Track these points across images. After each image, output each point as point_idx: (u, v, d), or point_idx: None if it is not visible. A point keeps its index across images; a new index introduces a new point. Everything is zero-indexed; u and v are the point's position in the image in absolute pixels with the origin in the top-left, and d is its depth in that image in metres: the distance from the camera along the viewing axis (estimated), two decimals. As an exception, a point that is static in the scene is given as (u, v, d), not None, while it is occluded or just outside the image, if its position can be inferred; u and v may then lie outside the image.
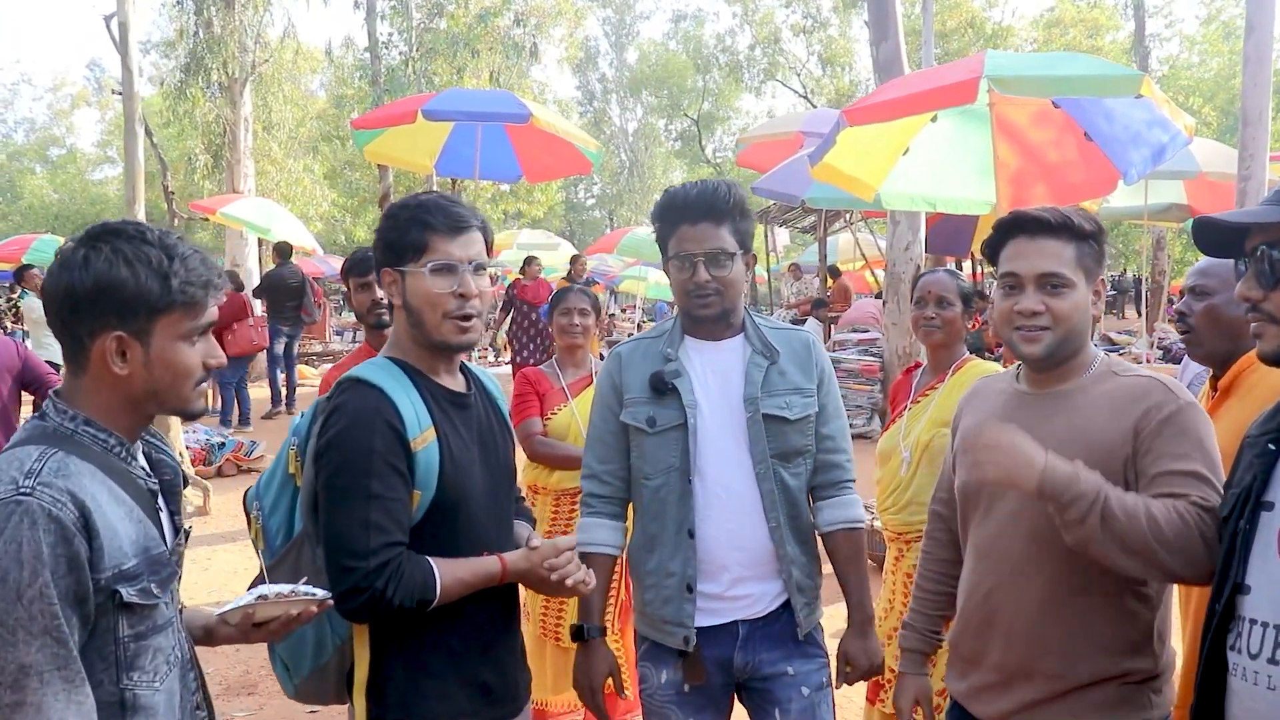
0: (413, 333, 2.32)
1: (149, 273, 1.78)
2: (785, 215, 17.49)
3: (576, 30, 33.91)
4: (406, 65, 21.61)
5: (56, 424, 1.80)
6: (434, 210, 2.28)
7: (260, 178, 21.55)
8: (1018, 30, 33.23)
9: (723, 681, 2.75)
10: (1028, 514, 2.23)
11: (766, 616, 2.72)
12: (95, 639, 1.71)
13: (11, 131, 62.58)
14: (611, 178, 55.55)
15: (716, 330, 2.76)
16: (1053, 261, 2.24)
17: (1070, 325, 2.25)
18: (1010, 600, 2.28)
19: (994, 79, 5.49)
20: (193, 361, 1.85)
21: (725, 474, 2.69)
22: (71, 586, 1.64)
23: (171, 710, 1.84)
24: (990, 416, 2.38)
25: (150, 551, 1.79)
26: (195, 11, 19.42)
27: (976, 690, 2.37)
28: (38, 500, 1.63)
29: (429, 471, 2.24)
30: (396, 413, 2.20)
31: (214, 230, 29.59)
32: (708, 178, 19.01)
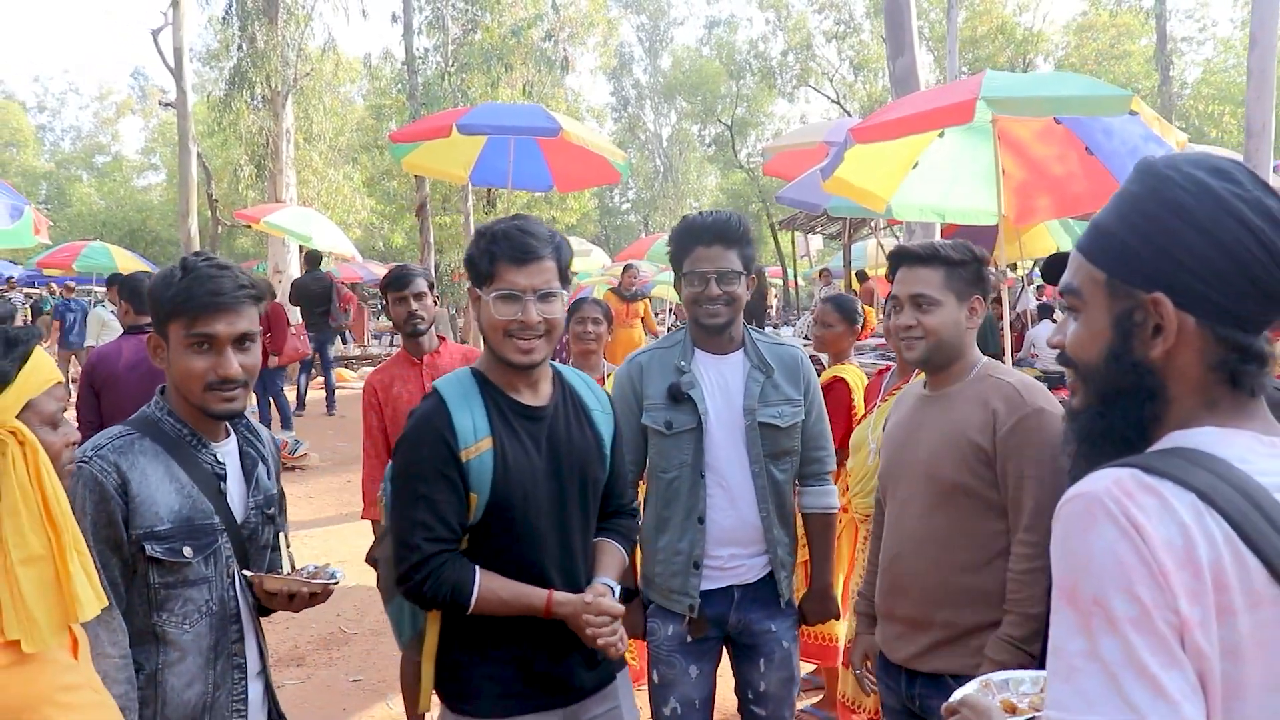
0: (488, 350, 2.60)
1: (163, 285, 2.30)
2: (812, 222, 17.76)
3: (610, 38, 34.23)
4: (442, 79, 22.01)
5: (149, 412, 2.37)
6: (503, 240, 2.48)
7: (302, 186, 22.09)
8: (1048, 36, 33.23)
9: (717, 635, 3.29)
10: (921, 495, 2.77)
11: (755, 584, 3.26)
12: (136, 580, 2.24)
13: (59, 140, 63.84)
14: (646, 183, 55.75)
15: (722, 344, 3.26)
16: (921, 285, 2.79)
17: (939, 337, 2.78)
18: (910, 566, 2.79)
19: (989, 100, 5.80)
20: (194, 367, 2.28)
21: (728, 470, 3.22)
22: (110, 536, 2.19)
23: (199, 651, 2.31)
24: (905, 415, 2.97)
25: (192, 521, 2.29)
26: (240, 26, 19.95)
27: (889, 639, 2.88)
28: (90, 469, 2.18)
29: (482, 477, 2.46)
30: (450, 424, 2.46)
31: (257, 238, 30.20)
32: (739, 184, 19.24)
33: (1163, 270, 1.28)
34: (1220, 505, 1.17)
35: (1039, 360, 12.67)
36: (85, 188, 54.09)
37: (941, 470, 2.72)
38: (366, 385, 4.64)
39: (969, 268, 2.81)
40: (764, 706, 3.30)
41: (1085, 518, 1.20)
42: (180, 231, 9.61)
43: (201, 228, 27.70)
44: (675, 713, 3.23)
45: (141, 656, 2.24)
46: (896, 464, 2.91)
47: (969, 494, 2.68)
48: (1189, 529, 1.15)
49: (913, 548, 2.78)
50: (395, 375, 4.61)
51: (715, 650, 3.34)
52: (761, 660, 3.28)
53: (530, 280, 2.47)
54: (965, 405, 2.75)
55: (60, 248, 25.11)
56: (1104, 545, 1.17)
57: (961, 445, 2.69)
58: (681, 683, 3.24)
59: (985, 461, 2.67)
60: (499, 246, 2.48)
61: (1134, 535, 1.16)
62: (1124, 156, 6.78)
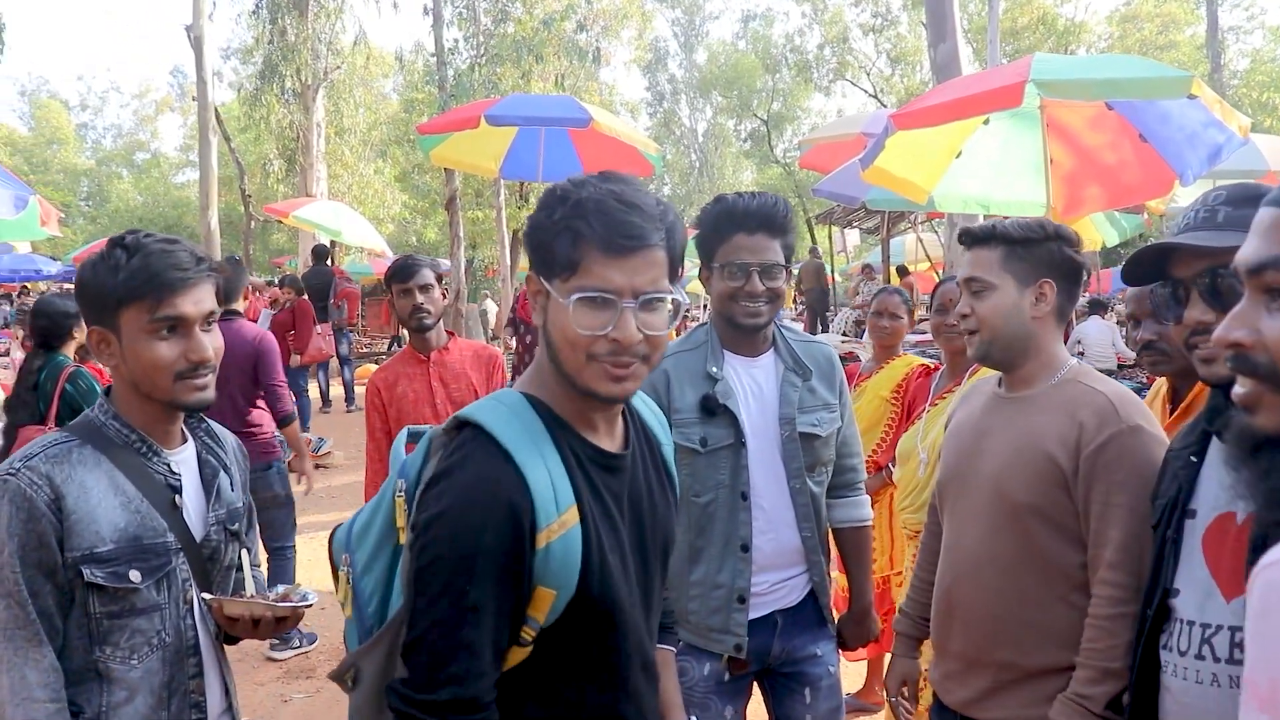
0: (554, 370, 1.76)
1: (106, 269, 1.97)
2: (850, 216, 17.44)
3: (645, 32, 33.99)
4: (473, 71, 21.84)
5: (93, 416, 2.06)
6: (595, 215, 1.65)
7: (332, 181, 22.04)
8: (1091, 26, 32.69)
9: (755, 669, 2.89)
10: (985, 514, 2.37)
11: (797, 606, 2.86)
12: (74, 610, 1.94)
13: (101, 137, 64.53)
14: (681, 178, 55.60)
15: (754, 345, 2.85)
16: (975, 268, 2.43)
17: (993, 326, 2.39)
18: (967, 594, 2.41)
19: (1040, 83, 5.49)
20: (160, 355, 1.98)
21: (765, 488, 2.79)
22: (42, 559, 1.89)
23: (149, 690, 2.01)
24: (973, 415, 2.55)
25: (141, 540, 1.98)
26: (270, 20, 19.88)
27: (943, 679, 2.51)
28: (18, 481, 1.89)
29: (566, 566, 1.67)
30: (526, 492, 1.64)
31: (288, 233, 30.24)
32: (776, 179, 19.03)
33: None
34: None
35: (1086, 357, 12.33)
36: (124, 184, 54.64)
37: (1010, 487, 2.33)
38: (370, 384, 4.40)
39: (1036, 247, 2.39)
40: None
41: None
42: (201, 225, 9.45)
43: (235, 222, 27.81)
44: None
45: (82, 699, 1.95)
46: (958, 473, 2.52)
47: (1041, 517, 2.30)
48: None
49: (971, 573, 2.41)
50: (400, 373, 4.34)
51: (749, 686, 2.95)
52: (807, 690, 2.88)
53: (631, 279, 1.67)
54: (1045, 414, 2.35)
55: (98, 243, 25.22)
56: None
57: (1036, 460, 2.30)
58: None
59: (1061, 483, 2.27)
60: (589, 224, 1.65)
61: None
62: (1181, 144, 6.44)
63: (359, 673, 1.76)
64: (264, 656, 5.75)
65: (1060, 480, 2.27)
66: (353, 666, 1.76)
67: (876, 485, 4.52)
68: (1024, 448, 2.32)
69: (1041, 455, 2.29)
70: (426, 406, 4.22)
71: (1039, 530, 2.30)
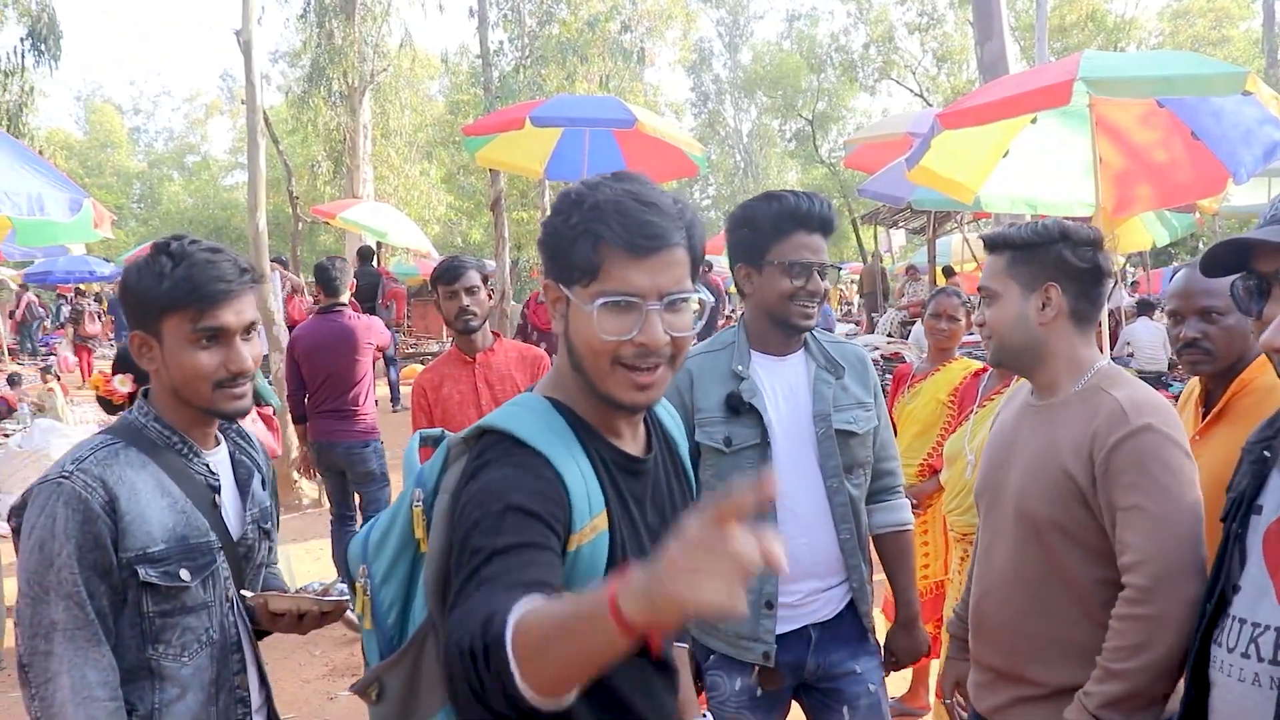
0: (576, 377, 1.73)
1: (151, 276, 2.00)
2: (895, 216, 17.33)
3: (690, 32, 33.99)
4: (518, 72, 21.94)
5: (133, 418, 2.10)
6: (615, 217, 1.61)
7: (379, 182, 22.22)
8: (1142, 23, 32.25)
9: (791, 685, 2.82)
10: (1011, 529, 2.32)
11: (834, 619, 2.79)
12: (127, 609, 1.98)
13: (152, 141, 65.59)
14: (726, 179, 55.52)
15: (786, 345, 2.81)
16: (985, 275, 2.42)
17: (999, 333, 2.37)
18: (996, 610, 2.37)
19: (1088, 81, 5.40)
20: (200, 363, 2.01)
21: (798, 490, 2.73)
22: (99, 559, 1.92)
23: (200, 686, 2.05)
24: (1005, 423, 2.53)
25: (188, 540, 2.03)
26: (318, 24, 20.08)
27: (975, 685, 2.49)
28: (73, 484, 1.92)
29: (593, 570, 1.62)
30: (565, 494, 1.60)
31: (335, 234, 30.46)
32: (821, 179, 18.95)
33: None
34: None
35: (1135, 360, 12.16)
36: (175, 187, 55.44)
37: (1030, 502, 2.28)
38: (415, 386, 4.41)
39: (1039, 250, 2.32)
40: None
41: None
42: (249, 226, 9.56)
43: (282, 224, 28.05)
44: None
45: (134, 696, 1.99)
46: (989, 484, 2.48)
47: (1062, 532, 2.24)
48: None
49: (1001, 588, 2.37)
50: (445, 375, 4.35)
51: (786, 701, 2.88)
52: (845, 709, 2.79)
53: (655, 279, 1.63)
54: (1064, 424, 2.29)
55: (149, 244, 25.56)
56: None
57: (1054, 475, 2.24)
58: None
59: (1079, 497, 2.21)
60: (609, 226, 1.61)
61: None
62: (1235, 142, 6.33)
63: (383, 687, 1.73)
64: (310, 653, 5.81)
65: (1078, 495, 2.21)
66: (376, 681, 1.72)
67: (931, 489, 4.46)
68: (1043, 461, 2.28)
69: (1058, 470, 2.24)
70: (472, 408, 4.19)
71: (1060, 546, 2.25)
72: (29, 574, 1.90)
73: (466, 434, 1.70)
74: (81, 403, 15.40)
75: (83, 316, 20.70)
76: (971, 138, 6.57)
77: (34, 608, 1.89)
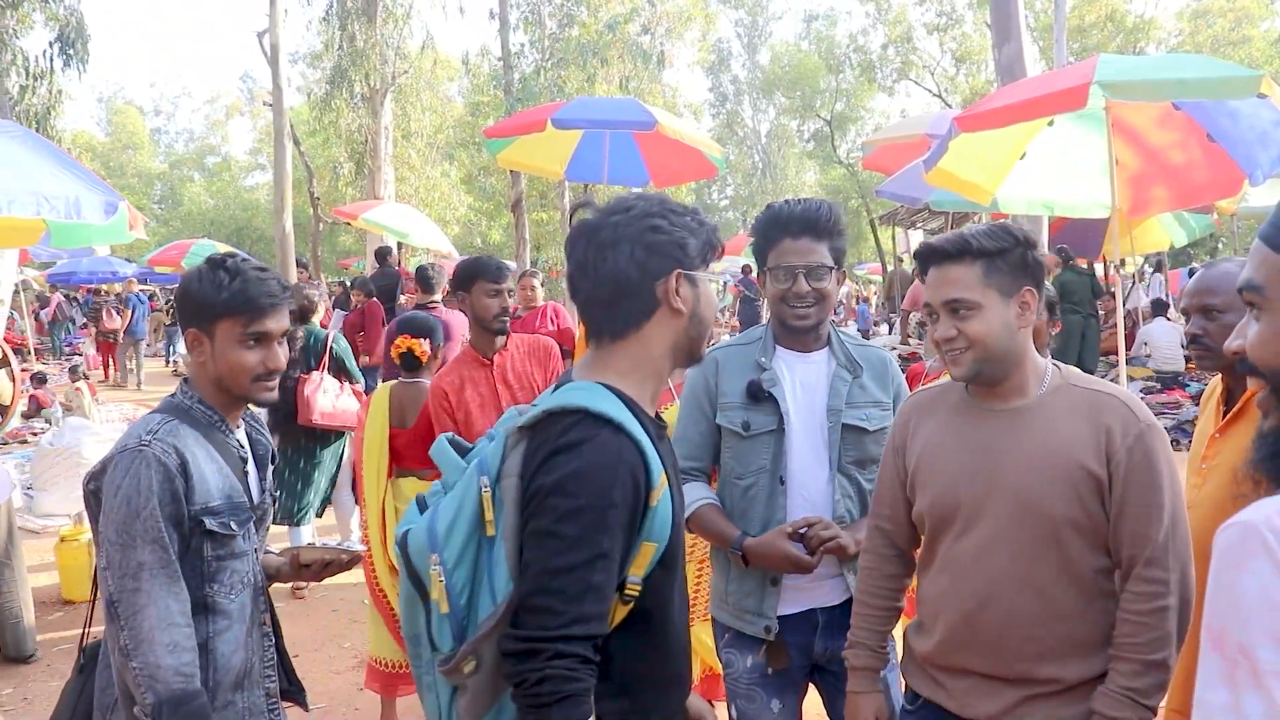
0: (661, 354, 2.03)
1: (210, 286, 2.42)
2: (913, 218, 17.39)
3: (708, 33, 34.03)
4: (539, 74, 22.06)
5: (179, 400, 2.50)
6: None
7: (400, 184, 22.35)
8: (1161, 22, 32.15)
9: (802, 665, 2.94)
10: (1011, 534, 2.30)
11: (841, 605, 2.90)
12: (189, 555, 2.35)
13: (173, 142, 66.10)
14: (744, 179, 55.58)
15: (807, 342, 2.96)
16: (954, 288, 2.31)
17: (986, 345, 2.29)
18: (999, 615, 2.32)
19: (1104, 84, 5.49)
20: (246, 361, 2.43)
21: (807, 476, 2.89)
22: (173, 512, 2.30)
23: (243, 619, 2.48)
24: (946, 433, 2.46)
25: (233, 499, 2.44)
26: (340, 26, 20.24)
27: (959, 694, 2.41)
28: (153, 450, 2.31)
29: (664, 524, 1.91)
30: (643, 457, 1.87)
31: (355, 235, 30.65)
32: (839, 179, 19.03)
33: None
34: None
35: (1152, 360, 12.19)
36: (196, 187, 55.83)
37: (1046, 503, 2.26)
38: (435, 389, 4.31)
39: (1011, 255, 2.30)
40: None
41: (1239, 551, 1.04)
42: (275, 228, 9.75)
43: (303, 225, 28.28)
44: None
45: (194, 627, 2.35)
46: (961, 493, 2.38)
47: (1078, 530, 2.25)
48: None
49: (1009, 594, 2.31)
50: (465, 377, 4.29)
51: (800, 682, 2.99)
52: None
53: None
54: (1062, 424, 2.30)
55: (170, 245, 25.80)
56: (1256, 584, 1.01)
57: (1070, 472, 2.24)
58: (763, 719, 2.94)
59: (1097, 492, 2.23)
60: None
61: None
62: (1250, 144, 6.41)
63: (480, 659, 1.84)
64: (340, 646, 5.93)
65: (1096, 490, 2.23)
66: (474, 652, 1.83)
67: None
68: (1053, 460, 2.26)
69: (1075, 467, 2.24)
70: (493, 411, 4.15)
71: (1073, 542, 2.25)
72: (117, 525, 2.26)
73: (529, 421, 1.89)
74: (106, 402, 15.60)
75: (100, 312, 20.96)
76: (989, 140, 6.65)
77: (123, 553, 2.24)
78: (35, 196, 5.15)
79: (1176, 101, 6.27)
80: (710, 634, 4.39)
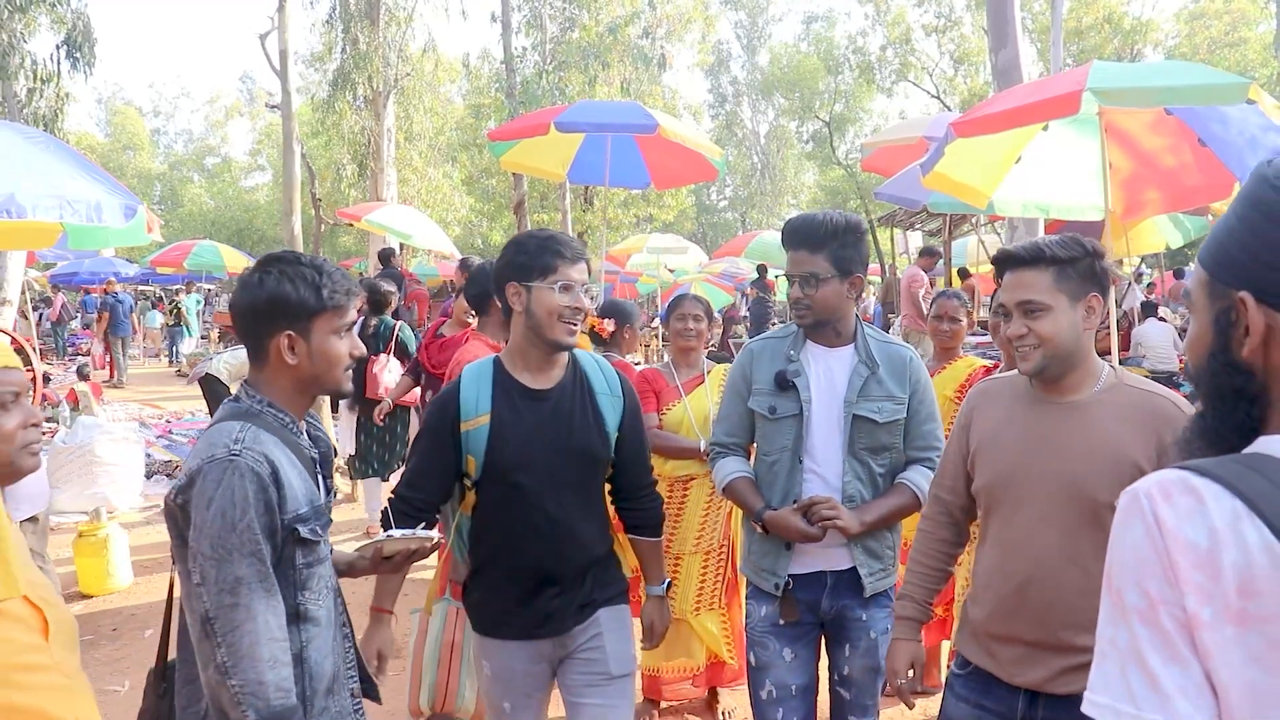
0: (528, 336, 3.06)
1: (306, 286, 2.40)
2: (912, 219, 17.51)
3: (708, 35, 34.15)
4: (540, 77, 22.17)
5: (248, 405, 2.43)
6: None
7: (402, 185, 22.47)
8: (1158, 25, 32.28)
9: (812, 621, 3.33)
10: (1057, 515, 2.56)
11: (848, 570, 3.27)
12: (281, 565, 2.30)
13: (172, 142, 66.07)
14: (743, 180, 55.67)
15: (830, 338, 3.30)
16: (1028, 290, 2.59)
17: (1056, 344, 2.57)
18: (1046, 589, 2.56)
19: (1096, 91, 5.61)
20: (342, 351, 2.46)
21: (825, 458, 3.26)
22: (267, 523, 2.24)
23: (329, 623, 2.45)
24: (1010, 420, 2.73)
25: (314, 502, 2.40)
26: (342, 29, 20.36)
27: (1006, 662, 2.66)
28: (245, 460, 2.23)
29: (478, 445, 2.98)
30: (457, 400, 3.03)
31: (358, 236, 30.74)
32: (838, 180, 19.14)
33: (1248, 267, 1.27)
34: (1265, 512, 1.16)
35: (1147, 360, 12.33)
36: (196, 188, 55.88)
37: (1094, 490, 2.49)
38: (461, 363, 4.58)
39: (1080, 264, 2.58)
40: (848, 690, 3.36)
41: (1125, 512, 1.26)
42: (283, 230, 9.89)
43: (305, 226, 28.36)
44: (771, 696, 3.31)
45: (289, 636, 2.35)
46: (1019, 475, 2.66)
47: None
48: (1218, 532, 1.17)
49: (1054, 570, 2.56)
50: None
51: (813, 636, 3.37)
52: (848, 646, 3.33)
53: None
54: (1116, 420, 2.55)
55: (172, 246, 25.99)
56: (1131, 540, 1.24)
57: (1121, 466, 2.46)
58: (775, 666, 3.31)
59: None
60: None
61: (1155, 533, 1.21)
62: (1240, 148, 6.54)
63: None
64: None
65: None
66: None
67: None
68: (1106, 453, 2.51)
69: (1126, 461, 2.46)
70: None
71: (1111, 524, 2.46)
72: (212, 539, 2.17)
73: None
74: (111, 402, 15.72)
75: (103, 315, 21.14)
76: (985, 144, 6.79)
77: (219, 568, 2.16)
78: (58, 200, 5.30)
79: (1168, 107, 6.41)
80: (716, 623, 4.63)
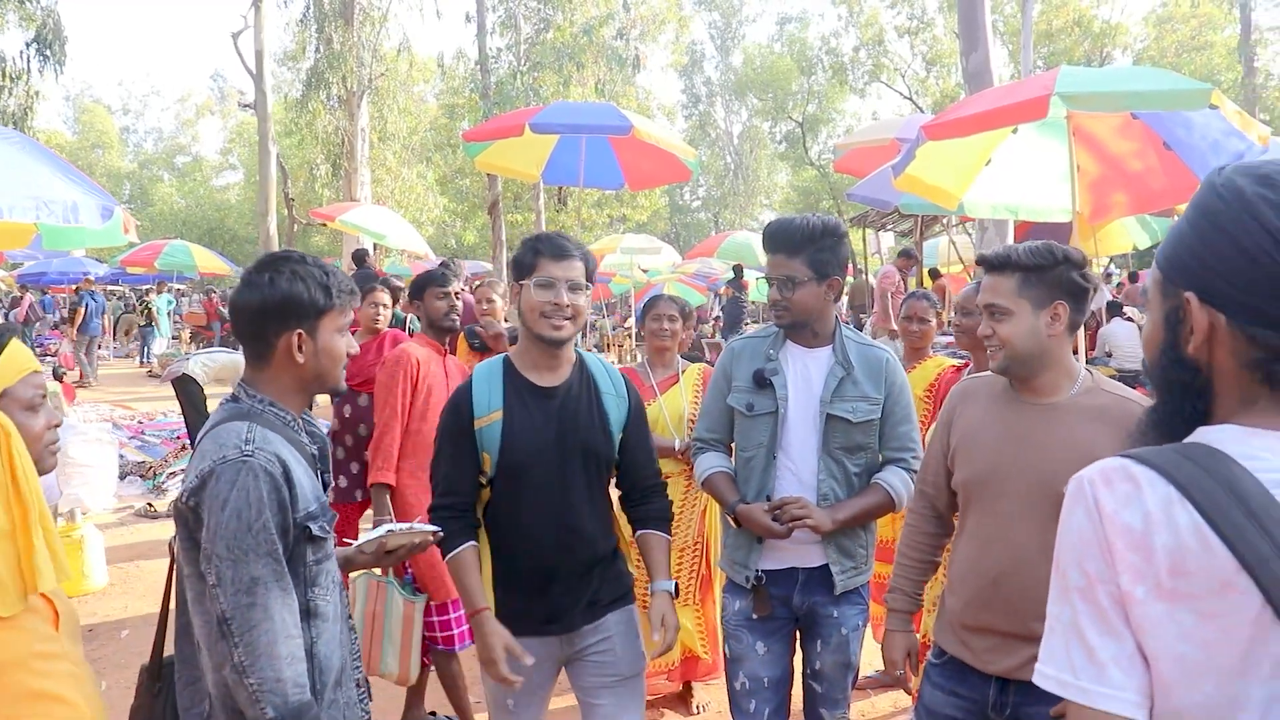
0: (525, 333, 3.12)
1: (316, 286, 2.43)
2: (884, 220, 17.64)
3: (682, 35, 34.25)
4: (515, 78, 22.18)
5: (249, 405, 2.42)
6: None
7: (376, 185, 22.41)
8: (1127, 28, 32.60)
9: (786, 615, 3.37)
10: (1031, 511, 2.65)
11: (820, 568, 3.31)
12: (292, 562, 2.31)
13: (142, 141, 65.51)
14: (716, 180, 55.81)
15: (808, 339, 3.35)
16: (993, 294, 2.73)
17: (1014, 346, 2.69)
18: (1020, 581, 2.66)
19: (1064, 96, 5.72)
20: (343, 349, 2.50)
21: (800, 456, 3.29)
22: (281, 522, 2.25)
23: (336, 618, 2.47)
24: (989, 419, 2.82)
25: (320, 499, 2.42)
26: (317, 28, 20.30)
27: (981, 651, 2.76)
28: (258, 460, 2.24)
29: (492, 442, 3.04)
30: (469, 399, 3.09)
31: (331, 236, 30.63)
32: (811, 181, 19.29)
33: (1194, 270, 1.35)
34: (1195, 497, 1.26)
35: (1113, 359, 12.48)
36: (166, 187, 55.47)
37: (1062, 485, 2.50)
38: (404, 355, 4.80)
39: (1048, 272, 2.67)
40: (820, 683, 3.40)
41: (1071, 497, 1.39)
42: (259, 230, 9.90)
43: (279, 226, 28.29)
44: (744, 688, 3.36)
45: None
46: (995, 472, 2.75)
47: None
48: (1152, 516, 1.27)
49: (1028, 564, 2.64)
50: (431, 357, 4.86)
51: (787, 631, 3.40)
52: (819, 641, 3.36)
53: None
54: (1090, 422, 2.65)
55: (143, 246, 25.71)
56: (1075, 523, 1.35)
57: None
58: (749, 659, 3.35)
59: None
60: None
61: (1095, 517, 1.32)
62: (1204, 151, 6.67)
63: None
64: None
65: None
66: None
67: None
68: (1076, 451, 2.52)
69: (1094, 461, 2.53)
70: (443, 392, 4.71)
71: None
72: (228, 540, 2.17)
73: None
74: (82, 403, 15.61)
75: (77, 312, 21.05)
76: (955, 147, 6.89)
77: (235, 568, 2.17)
78: (35, 201, 5.30)
79: (1134, 112, 6.54)
80: (690, 618, 4.71)
